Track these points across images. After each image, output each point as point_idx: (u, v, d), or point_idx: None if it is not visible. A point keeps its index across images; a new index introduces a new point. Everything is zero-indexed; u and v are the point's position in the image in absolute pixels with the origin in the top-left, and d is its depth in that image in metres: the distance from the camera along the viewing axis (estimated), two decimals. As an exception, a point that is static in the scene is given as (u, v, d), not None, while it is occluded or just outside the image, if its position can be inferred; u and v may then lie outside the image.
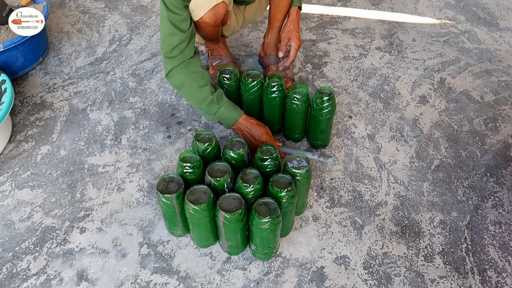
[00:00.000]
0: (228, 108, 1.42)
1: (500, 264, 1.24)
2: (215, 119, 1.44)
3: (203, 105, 1.42)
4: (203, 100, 1.41)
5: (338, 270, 1.23)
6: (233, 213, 1.10)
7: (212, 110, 1.42)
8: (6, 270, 1.22)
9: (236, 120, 1.43)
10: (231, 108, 1.43)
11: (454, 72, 1.92)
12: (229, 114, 1.43)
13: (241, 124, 1.43)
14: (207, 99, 1.40)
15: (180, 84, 1.42)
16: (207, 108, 1.42)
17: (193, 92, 1.41)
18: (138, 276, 1.21)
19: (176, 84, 1.43)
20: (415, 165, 1.52)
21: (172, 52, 1.37)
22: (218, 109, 1.41)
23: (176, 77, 1.41)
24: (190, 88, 1.41)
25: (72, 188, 1.43)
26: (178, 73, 1.40)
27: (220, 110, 1.42)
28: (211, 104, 1.41)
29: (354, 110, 1.72)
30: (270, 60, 1.75)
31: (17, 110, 1.70)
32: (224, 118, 1.44)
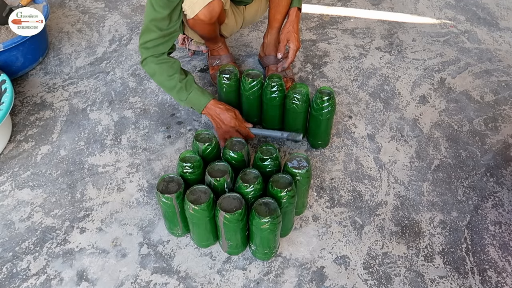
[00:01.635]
0: (196, 94, 1.46)
1: (500, 264, 1.24)
2: (186, 105, 1.49)
3: (173, 92, 1.47)
4: (173, 88, 1.46)
5: (338, 270, 1.23)
6: (233, 213, 1.10)
7: (182, 96, 1.46)
8: (6, 270, 1.22)
9: (205, 106, 1.47)
10: (200, 94, 1.47)
11: (454, 72, 1.92)
12: (198, 100, 1.47)
13: (210, 109, 1.47)
14: (176, 87, 1.45)
15: (152, 72, 1.47)
16: (178, 95, 1.47)
17: (164, 80, 1.46)
18: (138, 276, 1.21)
19: (150, 72, 1.48)
20: (415, 165, 1.52)
21: (147, 44, 1.43)
22: (188, 95, 1.45)
23: (149, 66, 1.46)
24: (161, 76, 1.46)
25: (72, 188, 1.43)
26: (151, 62, 1.45)
27: (190, 96, 1.46)
28: (180, 91, 1.45)
29: (354, 110, 1.72)
30: (270, 60, 1.75)
31: (17, 110, 1.70)
32: (194, 104, 1.48)
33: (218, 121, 1.47)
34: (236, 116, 1.48)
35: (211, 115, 1.48)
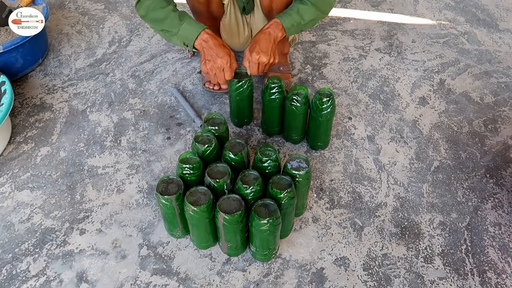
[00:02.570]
0: (190, 23, 1.36)
1: (499, 265, 1.24)
2: (179, 39, 1.38)
3: (165, 24, 1.37)
4: (165, 18, 1.36)
5: (338, 271, 1.23)
6: (232, 215, 1.10)
7: (174, 27, 1.36)
8: (6, 272, 1.22)
9: (200, 32, 1.36)
10: (194, 23, 1.37)
11: (453, 74, 1.92)
12: (191, 28, 1.36)
13: (205, 38, 1.36)
14: (169, 16, 1.36)
15: (145, 12, 1.40)
16: (170, 26, 1.36)
17: (156, 14, 1.37)
18: (137, 277, 1.21)
19: (142, 13, 1.41)
20: (414, 166, 1.52)
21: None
22: (181, 25, 1.35)
23: (143, 7, 1.39)
24: (153, 11, 1.38)
25: (72, 190, 1.43)
26: (145, 1, 1.39)
27: (183, 26, 1.35)
28: (173, 20, 1.36)
29: (353, 111, 1.72)
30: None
31: (16, 111, 1.70)
32: (187, 34, 1.36)
33: (207, 53, 1.36)
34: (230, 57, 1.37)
35: (202, 46, 1.36)
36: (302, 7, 1.42)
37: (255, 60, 1.37)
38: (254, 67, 1.39)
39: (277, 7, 1.51)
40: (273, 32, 1.39)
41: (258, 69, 1.39)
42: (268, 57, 1.37)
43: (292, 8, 1.42)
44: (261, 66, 1.39)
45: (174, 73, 1.88)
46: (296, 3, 1.43)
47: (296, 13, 1.41)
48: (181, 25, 1.35)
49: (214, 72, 1.37)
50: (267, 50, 1.37)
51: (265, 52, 1.37)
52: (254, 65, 1.38)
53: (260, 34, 1.40)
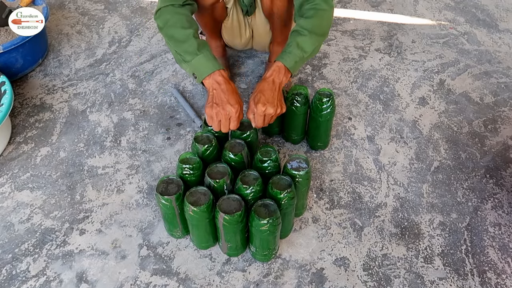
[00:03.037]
0: (207, 58, 1.26)
1: (499, 265, 1.24)
2: (189, 69, 1.28)
3: (182, 46, 1.27)
4: (183, 41, 1.27)
5: (338, 271, 1.23)
6: (232, 215, 1.10)
7: (190, 55, 1.26)
8: (6, 272, 1.22)
9: (214, 71, 1.26)
10: (212, 58, 1.27)
11: (453, 74, 1.92)
12: (206, 63, 1.26)
13: (218, 79, 1.26)
14: (188, 41, 1.26)
15: (164, 23, 1.31)
16: (186, 51, 1.26)
17: (175, 31, 1.28)
18: (137, 277, 1.21)
19: (161, 24, 1.32)
20: (414, 166, 1.52)
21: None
22: (196, 55, 1.25)
23: (163, 17, 1.31)
24: (173, 27, 1.29)
25: (72, 190, 1.43)
26: (166, 13, 1.31)
27: (199, 57, 1.25)
28: (191, 47, 1.26)
29: (353, 111, 1.72)
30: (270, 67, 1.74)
31: (16, 111, 1.70)
32: (200, 67, 1.26)
33: (217, 97, 1.26)
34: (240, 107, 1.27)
35: (213, 87, 1.26)
36: (301, 39, 1.31)
37: (261, 112, 1.27)
38: (260, 119, 1.29)
39: (278, 9, 1.51)
40: (277, 79, 1.30)
41: (264, 121, 1.30)
42: (275, 108, 1.28)
43: (291, 44, 1.32)
44: (267, 118, 1.30)
45: (174, 73, 1.88)
46: (294, 37, 1.33)
47: (296, 48, 1.31)
48: (197, 55, 1.25)
49: (220, 118, 1.26)
50: (273, 101, 1.28)
51: (271, 102, 1.28)
52: (259, 117, 1.28)
53: (263, 83, 1.30)
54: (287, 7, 1.51)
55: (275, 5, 1.50)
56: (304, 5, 1.35)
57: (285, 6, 1.50)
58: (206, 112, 1.27)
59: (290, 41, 1.34)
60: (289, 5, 1.50)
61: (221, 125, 1.27)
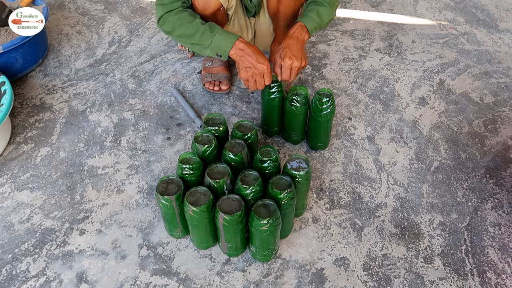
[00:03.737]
0: (222, 34, 1.36)
1: (499, 265, 1.24)
2: (212, 51, 1.38)
3: (196, 38, 1.37)
4: (196, 33, 1.36)
5: (338, 271, 1.23)
6: (232, 215, 1.10)
7: (206, 40, 1.36)
8: (6, 272, 1.22)
9: (234, 42, 1.36)
10: (226, 33, 1.37)
11: (453, 74, 1.92)
12: (224, 38, 1.36)
13: (240, 45, 1.36)
14: (199, 30, 1.36)
15: (172, 26, 1.39)
16: (201, 39, 1.36)
17: (184, 29, 1.37)
18: (137, 277, 1.21)
19: (168, 28, 1.40)
20: (414, 166, 1.52)
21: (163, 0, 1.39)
22: (213, 37, 1.35)
23: (168, 23, 1.39)
24: (181, 27, 1.37)
25: (72, 190, 1.43)
26: (169, 17, 1.38)
27: (215, 38, 1.35)
28: (204, 33, 1.36)
29: (353, 111, 1.72)
30: (270, 67, 1.74)
31: (16, 111, 1.70)
32: (221, 45, 1.36)
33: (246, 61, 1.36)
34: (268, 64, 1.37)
35: (239, 55, 1.36)
36: (321, 9, 1.44)
37: (287, 65, 1.38)
38: (287, 72, 1.39)
39: (284, 11, 1.52)
40: (300, 36, 1.41)
41: (290, 74, 1.40)
42: (300, 61, 1.39)
43: (312, 10, 1.45)
44: (294, 71, 1.40)
45: (174, 74, 1.88)
46: (313, 5, 1.46)
47: (316, 14, 1.43)
48: (213, 36, 1.35)
49: (255, 78, 1.38)
50: (298, 54, 1.39)
51: (297, 56, 1.38)
52: (286, 70, 1.39)
53: (288, 39, 1.41)
54: (294, 7, 1.52)
55: (282, 4, 1.51)
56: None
57: (291, 6, 1.51)
58: (241, 77, 1.40)
59: (310, 8, 1.46)
60: (295, 5, 1.51)
61: (256, 84, 1.39)
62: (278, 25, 1.60)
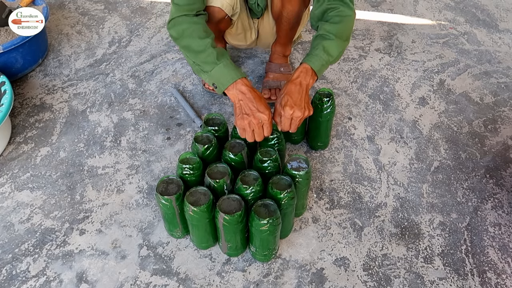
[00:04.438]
0: (228, 67, 1.24)
1: (499, 265, 1.24)
2: (209, 79, 1.27)
3: (200, 57, 1.25)
4: (202, 51, 1.25)
5: (338, 271, 1.23)
6: (232, 215, 1.10)
7: (209, 65, 1.24)
8: (6, 272, 1.22)
9: (236, 81, 1.24)
10: (233, 67, 1.25)
11: (453, 74, 1.92)
12: (227, 72, 1.24)
13: (242, 89, 1.24)
14: (207, 51, 1.24)
15: (180, 35, 1.29)
16: (204, 61, 1.25)
17: (192, 43, 1.26)
18: (137, 277, 1.21)
19: (175, 35, 1.30)
20: (414, 166, 1.52)
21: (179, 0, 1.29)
22: (216, 65, 1.24)
23: (178, 27, 1.29)
24: (190, 38, 1.27)
25: (72, 190, 1.43)
26: (181, 23, 1.28)
27: (218, 67, 1.24)
28: (209, 56, 1.24)
29: (353, 111, 1.72)
30: (270, 67, 1.75)
31: (16, 111, 1.70)
32: (221, 77, 1.24)
33: (245, 107, 1.24)
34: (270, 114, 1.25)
35: (239, 98, 1.24)
36: (327, 43, 1.30)
37: (288, 115, 1.26)
38: (287, 122, 1.28)
39: (288, 13, 1.51)
40: (304, 81, 1.29)
41: (291, 124, 1.28)
42: (303, 111, 1.27)
43: (317, 47, 1.31)
44: (295, 122, 1.28)
45: (174, 74, 1.88)
46: (319, 40, 1.32)
47: (322, 51, 1.30)
48: (217, 65, 1.24)
49: (253, 128, 1.24)
50: (301, 103, 1.27)
51: (299, 105, 1.26)
52: (286, 120, 1.27)
53: (291, 85, 1.28)
54: (297, 12, 1.51)
55: (286, 9, 1.50)
56: (328, 12, 1.34)
57: (295, 11, 1.51)
58: (237, 125, 1.26)
59: (315, 44, 1.32)
60: (299, 9, 1.51)
61: (254, 134, 1.26)
62: (280, 27, 1.59)
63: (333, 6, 1.33)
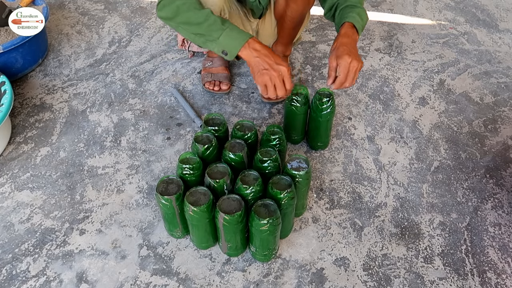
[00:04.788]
0: (235, 30, 1.19)
1: (499, 265, 1.24)
2: (218, 46, 1.21)
3: (203, 28, 1.20)
4: (204, 21, 1.19)
5: (338, 271, 1.23)
6: (232, 215, 1.10)
7: (215, 32, 1.19)
8: (6, 272, 1.22)
9: (247, 40, 1.19)
10: (239, 29, 1.21)
11: (453, 74, 1.92)
12: (237, 35, 1.19)
13: (255, 46, 1.20)
14: (209, 20, 1.19)
15: (174, 13, 1.22)
16: (209, 30, 1.19)
17: (191, 16, 1.20)
18: (137, 277, 1.21)
19: (169, 15, 1.23)
20: (414, 166, 1.52)
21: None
22: (223, 30, 1.18)
23: (169, 7, 1.22)
24: (188, 12, 1.20)
25: (72, 190, 1.43)
26: (172, 1, 1.21)
27: (226, 32, 1.18)
28: (214, 24, 1.19)
29: (353, 111, 1.72)
30: None
31: (16, 111, 1.70)
32: (230, 41, 1.19)
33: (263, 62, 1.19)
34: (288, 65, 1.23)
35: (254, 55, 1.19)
36: (358, 10, 1.32)
37: (346, 63, 1.22)
38: (345, 72, 1.23)
39: (291, 14, 1.51)
40: (353, 35, 1.28)
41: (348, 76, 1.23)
42: (358, 61, 1.23)
43: (352, 12, 1.31)
44: (352, 72, 1.23)
45: (174, 73, 1.88)
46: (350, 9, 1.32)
47: (357, 15, 1.31)
48: (224, 31, 1.19)
49: (274, 82, 1.21)
50: (356, 53, 1.24)
51: (355, 55, 1.23)
52: (345, 69, 1.22)
53: (342, 38, 1.26)
54: (302, 11, 1.51)
55: (290, 8, 1.49)
56: None
57: (299, 10, 1.50)
58: (258, 82, 1.22)
59: (346, 12, 1.32)
60: (303, 8, 1.50)
61: (276, 89, 1.22)
62: (283, 27, 1.59)
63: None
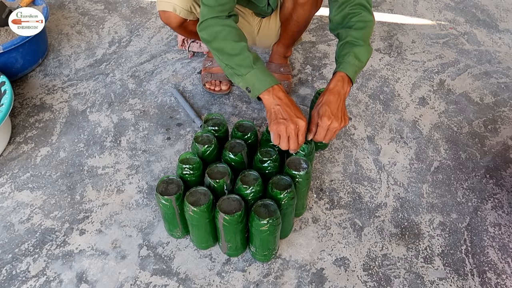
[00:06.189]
0: (263, 71, 1.20)
1: (499, 265, 1.24)
2: (243, 83, 1.22)
3: (235, 60, 1.21)
4: (237, 54, 1.20)
5: (338, 271, 1.23)
6: (232, 215, 1.10)
7: (244, 68, 1.20)
8: (6, 272, 1.22)
9: (272, 86, 1.19)
10: (268, 73, 1.21)
11: (453, 74, 1.92)
12: (264, 77, 1.20)
13: (279, 94, 1.20)
14: (242, 54, 1.20)
15: (213, 37, 1.24)
16: (239, 64, 1.20)
17: (227, 46, 1.22)
18: (137, 277, 1.21)
19: (208, 37, 1.25)
20: (414, 166, 1.52)
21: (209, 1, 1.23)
22: (251, 69, 1.19)
23: (210, 30, 1.24)
24: (224, 41, 1.22)
25: (72, 190, 1.43)
26: (213, 25, 1.24)
27: (254, 71, 1.19)
28: (245, 60, 1.19)
29: (353, 111, 1.72)
30: (270, 67, 1.75)
31: (16, 111, 1.70)
32: (257, 81, 1.20)
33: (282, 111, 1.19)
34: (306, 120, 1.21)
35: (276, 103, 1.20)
36: (357, 49, 1.26)
37: (325, 126, 1.20)
38: (323, 133, 1.22)
39: (297, 19, 1.52)
40: (342, 90, 1.24)
41: (326, 135, 1.23)
42: (339, 123, 1.22)
43: (349, 55, 1.26)
44: (330, 133, 1.22)
45: (174, 74, 1.88)
46: (349, 47, 1.28)
47: (354, 58, 1.26)
48: (252, 69, 1.19)
49: (289, 134, 1.18)
50: (338, 114, 1.22)
51: (336, 116, 1.21)
52: (323, 130, 1.22)
53: (329, 94, 1.23)
54: (308, 16, 1.51)
55: (297, 12, 1.49)
56: (350, 17, 1.30)
57: (305, 15, 1.51)
58: (272, 129, 1.20)
59: (345, 51, 1.28)
60: (310, 14, 1.50)
61: (289, 142, 1.20)
62: (287, 29, 1.59)
63: (355, 11, 1.30)
